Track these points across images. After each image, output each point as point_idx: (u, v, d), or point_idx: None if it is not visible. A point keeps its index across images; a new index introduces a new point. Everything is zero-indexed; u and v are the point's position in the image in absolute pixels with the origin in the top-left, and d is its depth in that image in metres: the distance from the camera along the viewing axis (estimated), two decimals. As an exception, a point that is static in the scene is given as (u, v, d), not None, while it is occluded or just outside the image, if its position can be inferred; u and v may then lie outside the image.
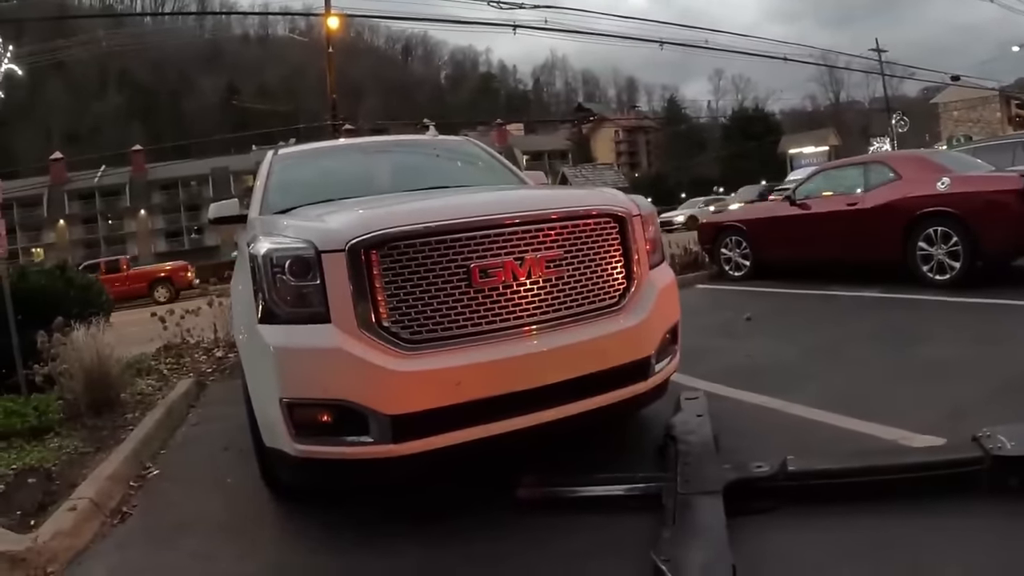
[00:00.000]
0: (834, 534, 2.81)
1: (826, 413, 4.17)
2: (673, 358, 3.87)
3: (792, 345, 6.13)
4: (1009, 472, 2.94)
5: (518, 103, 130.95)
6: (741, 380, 5.04)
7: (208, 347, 9.04)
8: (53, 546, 3.33)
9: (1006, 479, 2.94)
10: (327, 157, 5.97)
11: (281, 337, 3.10)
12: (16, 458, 4.62)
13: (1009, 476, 2.94)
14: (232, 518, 3.71)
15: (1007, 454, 2.97)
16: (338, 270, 3.06)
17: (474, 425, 3.10)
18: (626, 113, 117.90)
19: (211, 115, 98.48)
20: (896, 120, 49.75)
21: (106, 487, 4.08)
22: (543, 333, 3.27)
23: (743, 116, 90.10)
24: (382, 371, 2.98)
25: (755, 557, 2.63)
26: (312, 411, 3.09)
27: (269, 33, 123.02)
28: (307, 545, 3.30)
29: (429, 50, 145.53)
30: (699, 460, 3.40)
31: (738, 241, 11.15)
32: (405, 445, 3.03)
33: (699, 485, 3.13)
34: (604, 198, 3.72)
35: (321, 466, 3.18)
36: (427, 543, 3.11)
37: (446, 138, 6.47)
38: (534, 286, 3.26)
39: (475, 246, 3.16)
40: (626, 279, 3.57)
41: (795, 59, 35.27)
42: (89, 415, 5.65)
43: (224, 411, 5.84)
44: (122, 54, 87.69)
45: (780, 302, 8.94)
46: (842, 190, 9.70)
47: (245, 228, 4.67)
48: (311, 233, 3.21)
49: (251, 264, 3.29)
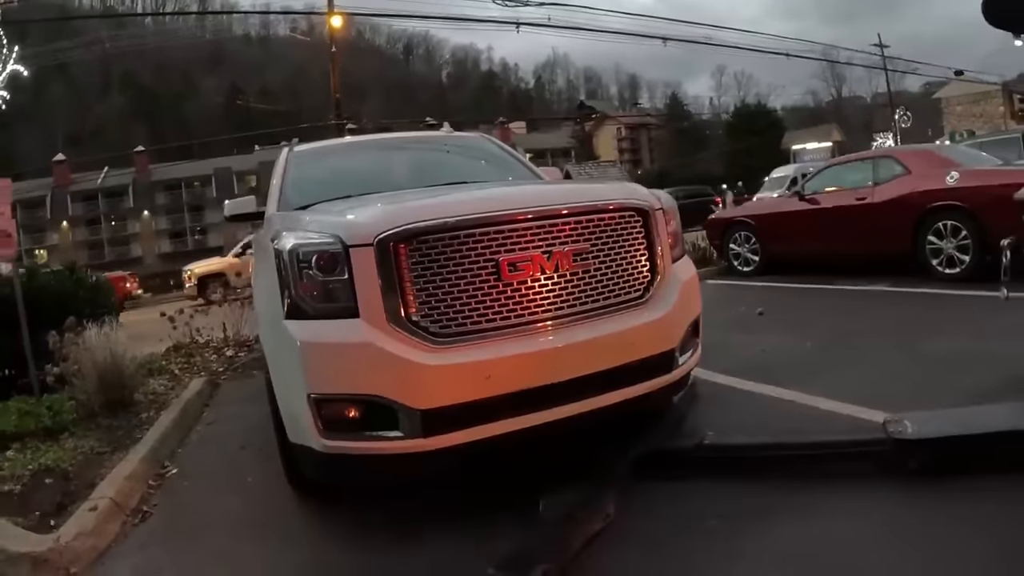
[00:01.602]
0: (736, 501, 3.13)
1: (843, 404, 4.16)
2: (695, 351, 3.88)
3: (806, 339, 6.10)
4: (907, 455, 3.13)
5: (520, 101, 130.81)
6: (757, 373, 5.02)
7: (218, 346, 9.04)
8: (75, 547, 3.31)
9: (904, 461, 3.13)
10: (343, 153, 5.96)
11: (308, 332, 3.08)
12: (32, 458, 4.59)
13: (907, 459, 3.13)
14: (256, 516, 3.69)
15: (906, 438, 3.16)
16: (366, 264, 3.04)
17: (504, 419, 3.09)
18: (628, 110, 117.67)
19: (214, 116, 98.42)
20: (899, 115, 49.67)
21: (126, 486, 4.06)
22: (571, 326, 3.27)
23: (746, 112, 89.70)
24: (412, 365, 2.97)
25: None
26: (340, 406, 3.07)
27: (271, 33, 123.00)
28: (339, 544, 3.27)
29: (431, 49, 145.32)
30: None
31: (747, 236, 11.11)
32: (435, 439, 3.02)
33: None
34: (627, 192, 3.74)
35: (349, 462, 3.16)
36: (460, 539, 3.09)
37: (461, 134, 6.45)
38: (561, 279, 3.25)
39: (504, 239, 3.16)
40: (650, 272, 3.57)
41: (798, 55, 35.21)
42: (103, 415, 5.63)
43: (239, 410, 5.84)
44: (124, 55, 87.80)
45: (791, 297, 8.92)
46: (851, 185, 9.65)
47: (262, 225, 4.67)
48: (338, 228, 3.19)
49: (276, 260, 3.26)
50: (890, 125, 51.57)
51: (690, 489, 3.31)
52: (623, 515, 3.07)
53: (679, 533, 2.95)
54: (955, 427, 3.26)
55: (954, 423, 3.33)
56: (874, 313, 7.11)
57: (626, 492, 3.28)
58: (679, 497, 3.24)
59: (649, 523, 3.04)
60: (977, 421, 3.32)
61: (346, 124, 24.25)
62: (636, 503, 3.21)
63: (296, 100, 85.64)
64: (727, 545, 2.81)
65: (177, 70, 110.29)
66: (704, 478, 3.38)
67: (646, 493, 3.30)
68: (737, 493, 3.19)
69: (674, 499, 3.23)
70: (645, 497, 3.27)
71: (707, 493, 3.24)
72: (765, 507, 3.02)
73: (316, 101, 69.97)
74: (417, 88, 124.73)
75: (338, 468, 3.25)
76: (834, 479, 3.22)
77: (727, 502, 3.11)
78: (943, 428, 3.26)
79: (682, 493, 3.27)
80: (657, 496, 3.28)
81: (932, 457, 3.09)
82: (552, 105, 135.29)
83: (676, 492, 3.29)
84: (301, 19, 75.42)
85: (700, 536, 2.90)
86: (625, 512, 3.10)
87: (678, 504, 3.18)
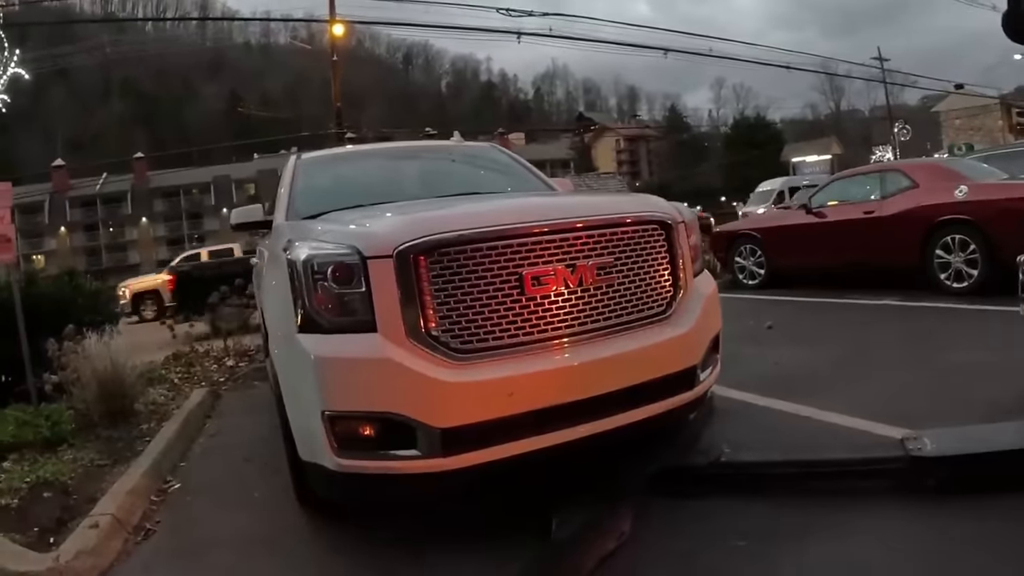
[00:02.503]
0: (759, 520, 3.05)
1: (861, 420, 4.07)
2: (715, 367, 3.81)
3: (817, 353, 6.04)
4: (925, 473, 3.08)
5: (519, 112, 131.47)
6: (772, 388, 4.93)
7: (218, 356, 8.96)
8: (76, 566, 3.19)
9: (922, 479, 3.07)
10: (352, 162, 5.89)
11: (323, 347, 2.97)
12: (30, 471, 4.48)
13: (926, 476, 3.07)
14: (264, 533, 3.54)
15: (925, 455, 3.11)
16: (385, 277, 2.94)
17: (525, 437, 3.00)
18: (627, 122, 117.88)
19: (213, 123, 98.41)
20: (898, 128, 49.78)
21: (127, 502, 3.93)
22: (594, 342, 3.18)
23: (745, 124, 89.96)
24: (432, 382, 2.87)
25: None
26: (356, 424, 2.96)
27: (271, 41, 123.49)
28: (349, 562, 3.15)
29: (430, 59, 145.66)
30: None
31: (752, 249, 11.07)
32: (454, 459, 2.92)
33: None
34: (649, 204, 3.66)
35: (362, 481, 3.05)
36: (470, 558, 2.99)
37: (472, 144, 6.39)
38: (585, 294, 3.17)
39: (527, 252, 3.07)
40: (673, 287, 3.50)
41: (798, 67, 35.20)
42: (103, 425, 5.53)
43: (241, 422, 5.74)
44: (124, 61, 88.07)
45: (798, 310, 8.86)
46: (858, 198, 9.64)
47: (269, 234, 4.58)
48: (355, 238, 3.09)
49: (289, 271, 3.15)
50: (889, 138, 51.69)
51: (712, 507, 3.22)
52: (648, 533, 2.99)
53: (705, 551, 2.87)
54: (974, 445, 3.21)
55: (973, 441, 3.29)
56: (885, 327, 7.04)
57: (644, 509, 3.20)
58: (701, 515, 3.15)
59: (675, 542, 2.96)
60: (996, 438, 3.28)
61: (346, 133, 24.17)
62: (657, 521, 3.12)
63: (296, 108, 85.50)
64: (757, 567, 2.73)
65: (177, 77, 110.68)
66: (723, 495, 3.30)
67: (667, 512, 3.21)
68: (758, 512, 3.12)
69: (697, 517, 3.14)
70: (667, 515, 3.17)
71: (729, 511, 3.16)
72: (792, 526, 2.93)
73: (315, 110, 70.09)
74: (416, 98, 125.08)
75: (351, 487, 3.12)
76: (859, 497, 3.16)
77: (750, 521, 3.03)
78: (962, 446, 3.21)
79: (703, 511, 3.18)
80: (680, 515, 3.19)
81: (951, 475, 3.04)
82: (551, 116, 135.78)
83: (697, 510, 3.20)
84: (301, 27, 75.60)
85: (727, 556, 2.81)
86: (648, 530, 3.02)
87: (701, 522, 3.09)
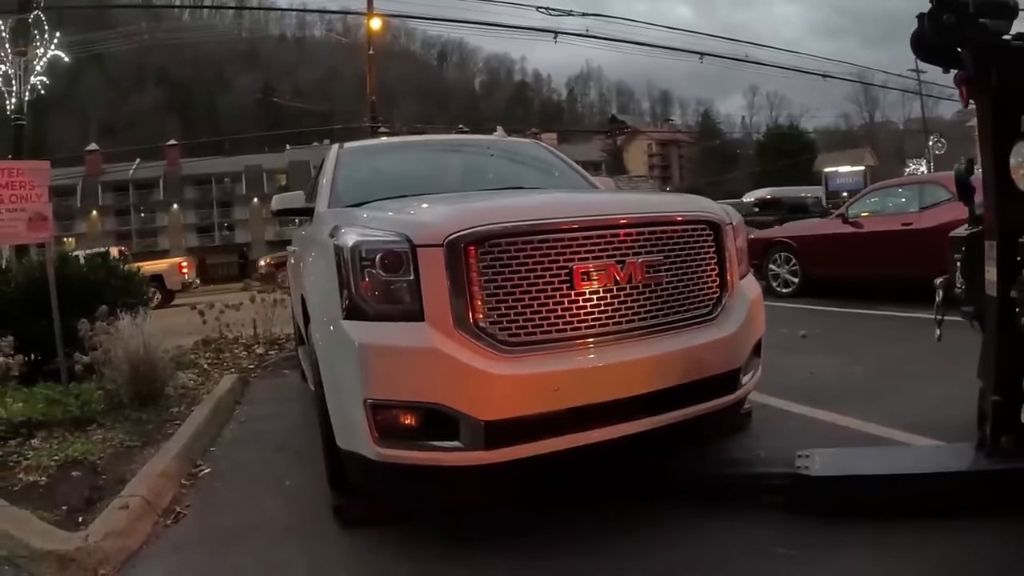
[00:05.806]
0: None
1: (900, 432, 4.00)
2: (756, 372, 3.76)
3: (854, 363, 5.94)
4: (808, 492, 3.08)
5: (551, 112, 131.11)
6: (810, 397, 4.85)
7: (247, 343, 8.97)
8: (105, 547, 3.15)
9: (806, 498, 3.08)
10: (396, 152, 5.87)
11: (369, 334, 2.92)
12: (58, 449, 4.48)
13: (808, 496, 3.07)
14: (296, 522, 3.51)
15: (809, 475, 3.10)
16: (435, 266, 2.90)
17: (568, 433, 2.96)
18: (660, 126, 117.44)
19: (246, 113, 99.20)
20: (933, 142, 49.26)
21: (158, 484, 3.91)
22: (641, 340, 3.13)
23: (778, 133, 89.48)
24: (479, 374, 2.82)
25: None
26: (398, 413, 2.91)
27: (306, 34, 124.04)
28: (384, 555, 3.09)
29: (464, 57, 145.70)
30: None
31: (787, 257, 11.01)
32: (497, 452, 2.88)
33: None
34: (699, 204, 3.62)
35: (401, 471, 3.00)
36: (513, 556, 2.93)
37: (516, 140, 6.35)
38: (633, 291, 3.12)
39: (578, 247, 3.03)
40: (719, 288, 3.45)
41: (835, 76, 34.89)
42: (132, 407, 5.55)
43: (272, 409, 5.74)
44: (160, 49, 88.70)
45: (833, 320, 8.73)
46: (896, 209, 9.60)
47: (309, 223, 4.55)
48: (404, 226, 3.05)
49: (336, 257, 3.10)
50: (923, 151, 51.14)
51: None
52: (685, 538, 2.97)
53: (748, 560, 2.80)
54: (863, 467, 3.22)
55: (864, 462, 3.30)
56: (923, 339, 6.87)
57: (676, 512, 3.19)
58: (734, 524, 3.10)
59: (714, 550, 2.90)
60: (887, 462, 3.31)
61: (379, 127, 24.21)
62: (692, 527, 3.08)
63: (328, 102, 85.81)
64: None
65: (212, 66, 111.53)
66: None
67: (697, 519, 3.15)
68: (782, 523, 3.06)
69: (732, 526, 3.08)
70: (697, 524, 3.12)
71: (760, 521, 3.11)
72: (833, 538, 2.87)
73: (348, 103, 70.25)
74: (449, 95, 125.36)
75: (389, 477, 3.08)
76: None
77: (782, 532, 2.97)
78: (850, 467, 3.21)
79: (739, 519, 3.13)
80: (714, 524, 3.12)
81: (839, 496, 3.05)
82: (583, 118, 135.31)
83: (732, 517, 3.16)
84: (337, 20, 75.73)
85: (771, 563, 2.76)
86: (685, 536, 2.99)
87: (736, 531, 3.03)
